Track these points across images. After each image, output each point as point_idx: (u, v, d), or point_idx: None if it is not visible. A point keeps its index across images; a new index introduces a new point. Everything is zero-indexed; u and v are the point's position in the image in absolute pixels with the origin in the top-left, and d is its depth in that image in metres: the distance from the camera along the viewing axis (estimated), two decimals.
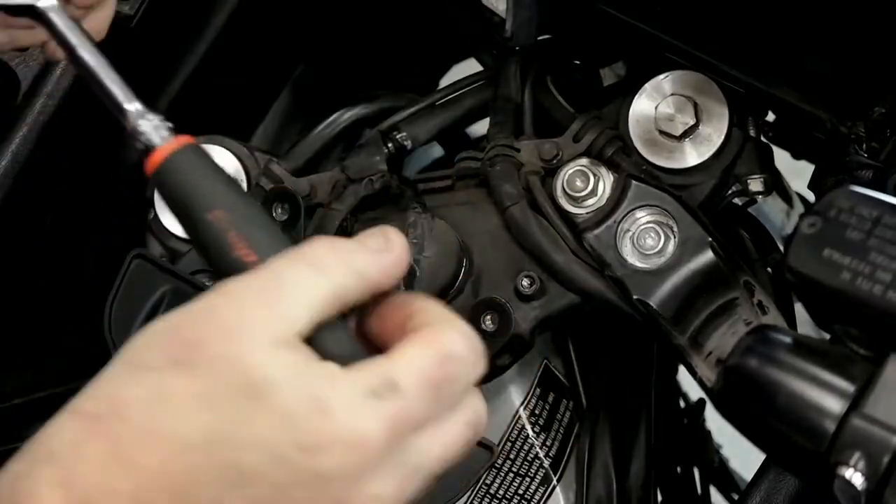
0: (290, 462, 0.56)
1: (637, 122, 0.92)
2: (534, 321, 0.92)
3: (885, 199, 0.64)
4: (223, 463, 0.56)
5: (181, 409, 0.56)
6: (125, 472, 0.55)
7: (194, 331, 0.58)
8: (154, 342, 0.58)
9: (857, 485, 0.59)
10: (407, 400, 0.58)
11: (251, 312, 0.57)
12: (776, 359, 0.64)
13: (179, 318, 0.58)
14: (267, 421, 0.56)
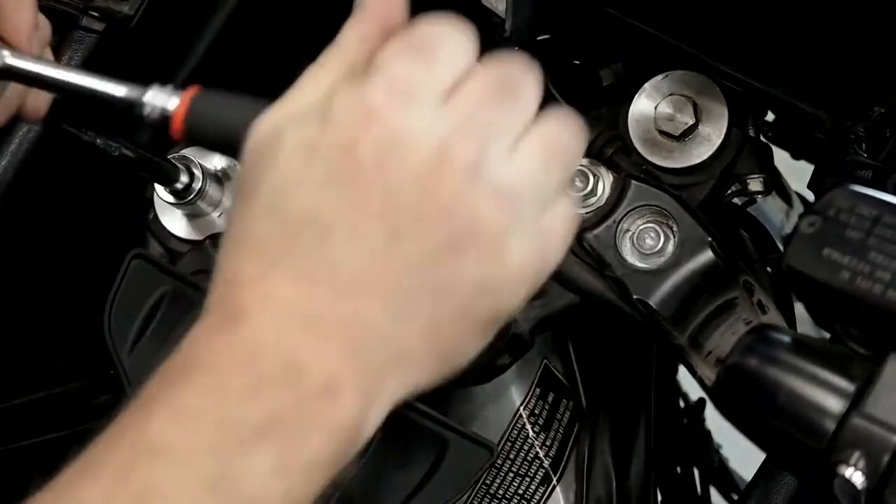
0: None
1: (637, 122, 0.92)
2: (533, 321, 0.92)
3: (885, 198, 0.64)
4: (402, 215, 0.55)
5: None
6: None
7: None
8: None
9: (858, 484, 0.59)
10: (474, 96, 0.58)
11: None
12: (776, 358, 0.64)
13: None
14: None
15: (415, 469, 0.86)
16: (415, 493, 0.86)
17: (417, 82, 0.57)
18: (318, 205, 0.56)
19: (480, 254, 0.57)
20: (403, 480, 0.86)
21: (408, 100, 0.57)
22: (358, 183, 0.56)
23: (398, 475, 0.86)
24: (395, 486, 0.86)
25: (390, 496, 0.86)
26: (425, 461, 0.86)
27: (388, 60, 0.57)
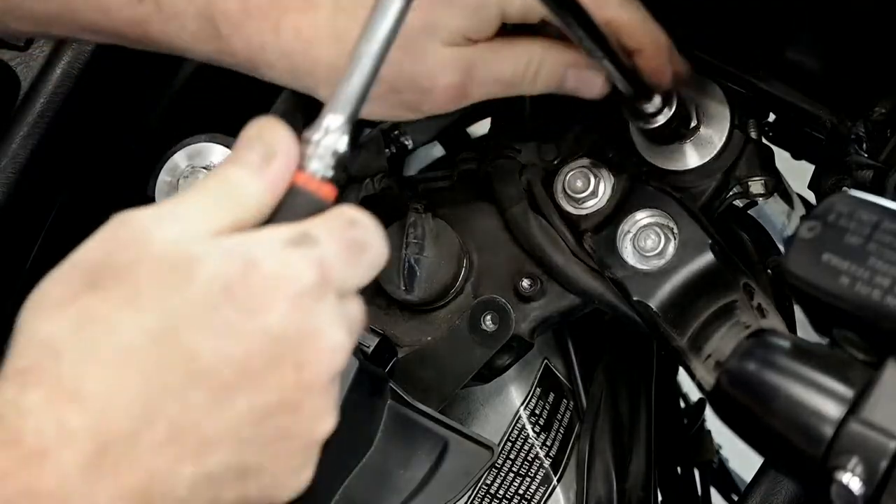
0: (239, 332, 0.55)
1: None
2: (534, 321, 0.92)
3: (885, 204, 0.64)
4: (175, 358, 0.54)
5: (113, 323, 0.54)
6: (75, 407, 0.53)
7: (95, 254, 0.56)
8: (56, 282, 0.56)
9: (855, 490, 0.59)
10: (324, 249, 0.58)
11: (149, 225, 0.56)
12: (774, 363, 0.64)
13: (74, 255, 0.56)
14: (203, 296, 0.55)
15: (415, 469, 0.86)
16: (415, 492, 0.86)
17: (343, 279, 0.59)
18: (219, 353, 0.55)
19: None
20: (404, 480, 0.86)
21: (326, 291, 0.58)
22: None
23: (399, 475, 0.86)
24: (395, 486, 0.86)
25: (391, 496, 0.86)
26: (426, 461, 0.86)
27: (325, 242, 0.58)
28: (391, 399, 0.87)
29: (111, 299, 0.55)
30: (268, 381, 0.57)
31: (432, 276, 0.92)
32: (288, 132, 0.61)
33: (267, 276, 0.56)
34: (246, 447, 0.57)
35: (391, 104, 0.84)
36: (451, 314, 0.94)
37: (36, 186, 0.98)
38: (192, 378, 0.55)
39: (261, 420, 0.57)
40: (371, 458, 0.86)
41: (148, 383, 0.54)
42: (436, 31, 0.81)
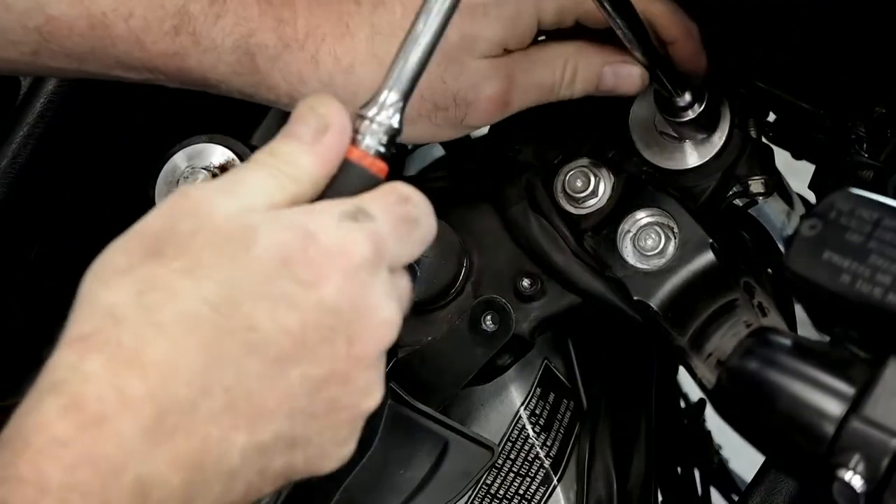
0: (296, 303, 0.56)
1: (638, 123, 0.92)
2: (534, 321, 0.92)
3: (886, 201, 0.64)
4: (234, 328, 0.56)
5: (174, 291, 0.55)
6: (135, 373, 0.54)
7: (156, 224, 0.57)
8: (119, 250, 0.57)
9: (857, 487, 0.59)
10: (378, 224, 0.59)
11: (210, 197, 0.58)
12: (776, 361, 0.64)
13: (137, 225, 0.58)
14: (261, 267, 0.56)
15: (416, 469, 0.86)
16: (416, 492, 0.86)
17: (395, 255, 0.60)
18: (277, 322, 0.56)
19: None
20: (404, 480, 0.86)
21: (379, 266, 0.59)
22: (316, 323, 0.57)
23: (399, 475, 0.86)
24: (396, 486, 0.86)
25: (391, 496, 0.86)
26: (426, 461, 0.86)
27: (380, 217, 0.60)
28: (391, 399, 0.87)
29: (172, 268, 0.56)
30: (321, 352, 0.58)
31: (432, 276, 0.92)
32: (340, 107, 0.62)
33: (324, 248, 0.57)
34: (297, 418, 0.58)
35: (436, 123, 0.84)
36: (451, 314, 0.94)
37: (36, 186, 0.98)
38: (249, 348, 0.56)
39: (312, 391, 0.58)
40: (371, 458, 0.86)
41: (207, 352, 0.55)
42: (475, 44, 0.82)
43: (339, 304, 0.58)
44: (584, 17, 0.84)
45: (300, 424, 0.58)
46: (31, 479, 0.52)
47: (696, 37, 0.87)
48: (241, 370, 0.55)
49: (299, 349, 0.57)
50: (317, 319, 0.57)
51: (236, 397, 0.55)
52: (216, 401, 0.55)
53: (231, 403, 0.55)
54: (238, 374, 0.55)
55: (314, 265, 0.57)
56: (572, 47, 0.86)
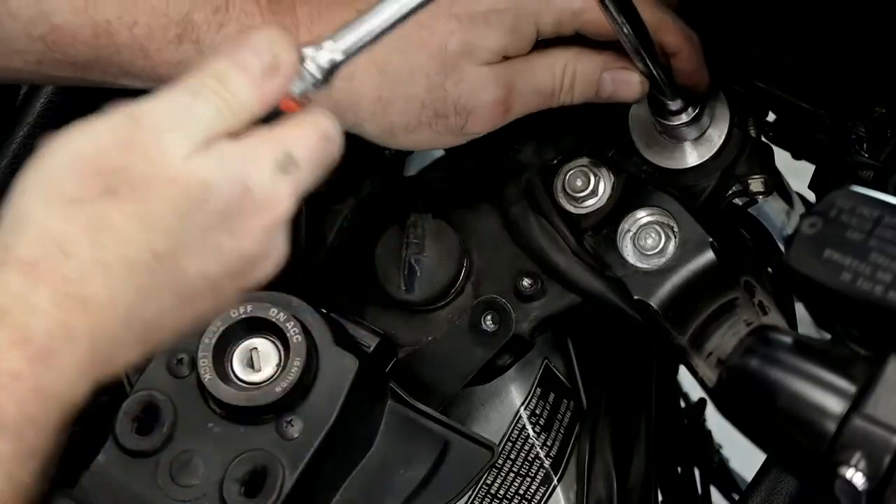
0: (223, 253, 0.61)
1: (638, 123, 0.92)
2: (534, 321, 0.92)
3: (886, 199, 0.64)
4: (168, 275, 0.59)
5: (125, 234, 0.57)
6: (79, 309, 0.56)
7: (115, 158, 0.58)
8: (76, 173, 0.58)
9: (858, 485, 0.59)
10: (303, 173, 0.62)
11: (164, 134, 0.59)
12: (777, 359, 0.64)
13: (93, 147, 0.58)
14: (206, 222, 0.59)
15: (416, 469, 0.86)
16: (416, 492, 0.86)
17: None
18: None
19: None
20: (405, 480, 0.86)
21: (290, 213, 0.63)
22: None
23: (399, 475, 0.86)
24: (396, 486, 0.86)
25: (392, 496, 0.86)
26: (426, 461, 0.86)
27: (303, 164, 0.62)
28: (391, 399, 0.87)
29: (126, 211, 0.58)
30: (227, 291, 0.62)
31: (432, 276, 0.92)
32: (294, 49, 0.63)
33: (257, 203, 0.61)
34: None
35: (436, 131, 0.85)
36: (451, 314, 0.94)
37: None
38: (173, 291, 0.60)
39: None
40: (371, 458, 0.86)
41: (140, 294, 0.58)
42: (474, 52, 0.83)
43: (253, 253, 0.62)
44: (584, 28, 0.85)
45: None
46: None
47: (698, 48, 0.87)
48: (161, 307, 0.60)
49: (212, 291, 0.61)
50: (235, 267, 0.61)
51: (150, 330, 0.60)
52: (134, 333, 0.59)
53: (145, 336, 0.60)
54: (157, 310, 0.60)
55: (246, 218, 0.60)
56: (571, 53, 0.86)
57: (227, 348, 0.82)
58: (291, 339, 0.81)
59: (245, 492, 0.80)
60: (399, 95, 0.84)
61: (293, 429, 0.81)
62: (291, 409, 0.81)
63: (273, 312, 0.81)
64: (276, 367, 0.82)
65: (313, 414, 0.81)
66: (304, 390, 0.81)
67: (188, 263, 0.59)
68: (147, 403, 0.82)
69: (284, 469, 0.80)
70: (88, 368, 0.58)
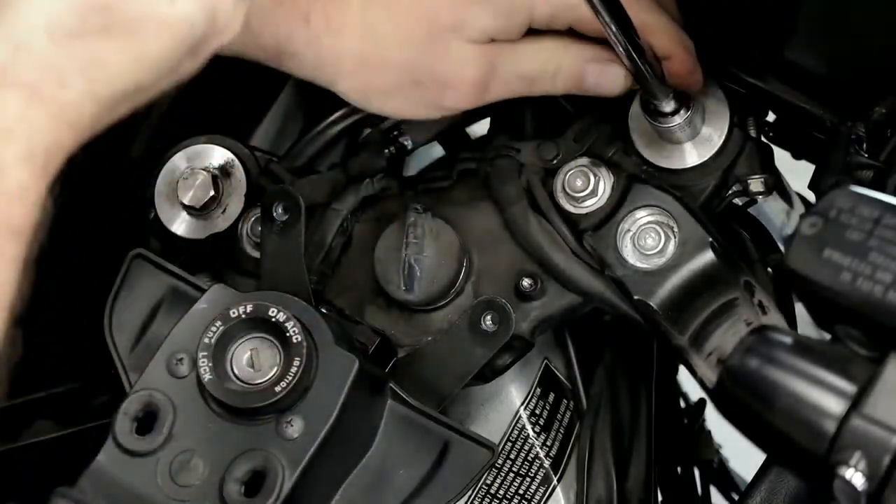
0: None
1: (637, 123, 0.92)
2: (534, 321, 0.92)
3: (886, 199, 0.64)
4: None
5: (117, 71, 0.62)
6: (74, 136, 0.62)
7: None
8: (78, 8, 0.61)
9: (858, 485, 0.59)
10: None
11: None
12: (776, 359, 0.64)
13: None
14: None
15: (416, 469, 0.86)
16: (415, 492, 0.86)
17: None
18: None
19: None
20: (404, 480, 0.86)
21: None
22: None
23: (399, 475, 0.86)
24: (396, 486, 0.86)
25: (391, 496, 0.86)
26: (426, 461, 0.86)
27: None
28: (391, 399, 0.87)
29: (120, 49, 0.62)
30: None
31: (432, 276, 0.92)
32: None
33: None
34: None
35: (413, 100, 0.87)
36: (451, 314, 0.94)
37: None
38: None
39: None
40: (371, 458, 0.86)
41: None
42: (463, 29, 0.84)
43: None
44: (577, 23, 0.85)
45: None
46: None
47: (692, 52, 0.87)
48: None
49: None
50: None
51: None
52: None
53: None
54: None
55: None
56: (560, 43, 0.87)
57: (227, 348, 0.82)
58: (291, 339, 0.81)
59: (245, 492, 0.80)
60: (381, 58, 0.85)
61: (293, 429, 0.81)
62: (291, 409, 0.81)
63: (273, 312, 0.81)
64: (276, 367, 0.81)
65: (313, 414, 0.81)
66: (303, 390, 0.81)
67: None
68: (147, 403, 0.82)
69: (284, 469, 0.80)
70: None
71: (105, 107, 0.62)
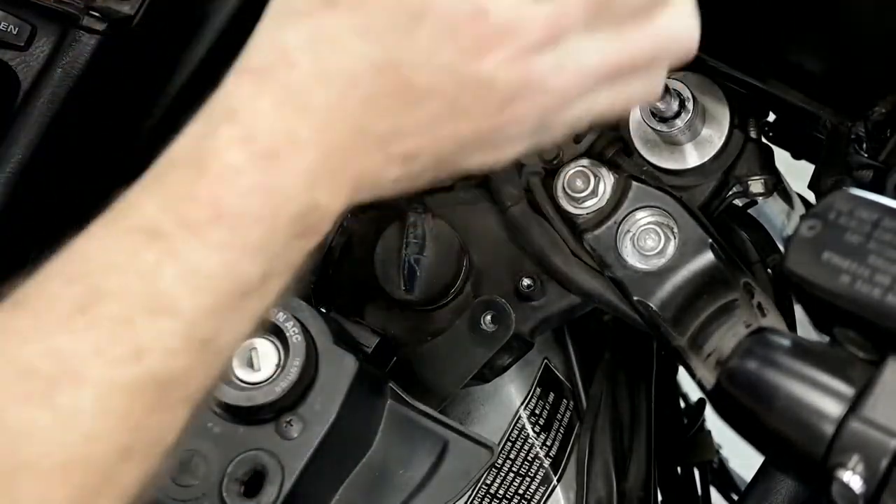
0: (456, 70, 0.59)
1: (638, 123, 0.92)
2: (534, 321, 0.92)
3: (885, 202, 0.64)
4: (394, 87, 0.59)
5: (344, 45, 0.58)
6: (303, 117, 0.58)
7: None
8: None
9: (856, 488, 0.59)
10: (566, 6, 0.60)
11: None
12: (775, 361, 0.64)
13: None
14: (429, 35, 0.59)
15: (416, 469, 0.86)
16: (415, 492, 0.86)
17: (577, 48, 0.61)
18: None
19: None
20: (404, 480, 0.86)
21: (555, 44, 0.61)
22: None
23: (399, 475, 0.86)
24: (396, 486, 0.86)
25: (391, 496, 0.86)
26: (426, 461, 0.86)
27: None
28: (391, 399, 0.87)
29: (345, 23, 0.58)
30: (474, 114, 0.61)
31: (432, 276, 0.92)
32: None
33: (493, 26, 0.59)
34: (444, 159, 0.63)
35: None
36: (451, 314, 0.94)
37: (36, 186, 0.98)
38: (405, 104, 0.60)
39: (462, 146, 0.62)
40: (371, 458, 0.86)
41: (365, 104, 0.59)
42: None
43: (496, 77, 0.60)
44: None
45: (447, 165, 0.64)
46: (207, 201, 0.56)
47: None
48: (396, 121, 0.60)
49: (451, 109, 0.60)
50: (473, 88, 0.60)
51: (390, 142, 0.60)
52: (373, 146, 0.60)
53: (388, 149, 0.60)
54: (393, 123, 0.60)
55: (480, 40, 0.59)
56: None
57: None
58: (291, 339, 0.81)
59: (245, 492, 0.81)
60: None
61: (293, 429, 0.81)
62: (291, 409, 0.81)
63: (272, 312, 0.81)
64: (275, 367, 0.81)
65: (313, 414, 0.81)
66: (303, 390, 0.81)
67: (415, 77, 0.59)
68: None
69: (284, 469, 0.80)
70: (323, 177, 0.58)
71: (335, 85, 0.59)
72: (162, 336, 0.55)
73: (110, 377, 0.53)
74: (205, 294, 0.56)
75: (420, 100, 0.60)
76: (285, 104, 0.58)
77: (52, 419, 0.53)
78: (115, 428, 0.54)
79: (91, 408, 0.53)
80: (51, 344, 0.54)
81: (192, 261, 0.56)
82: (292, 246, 0.58)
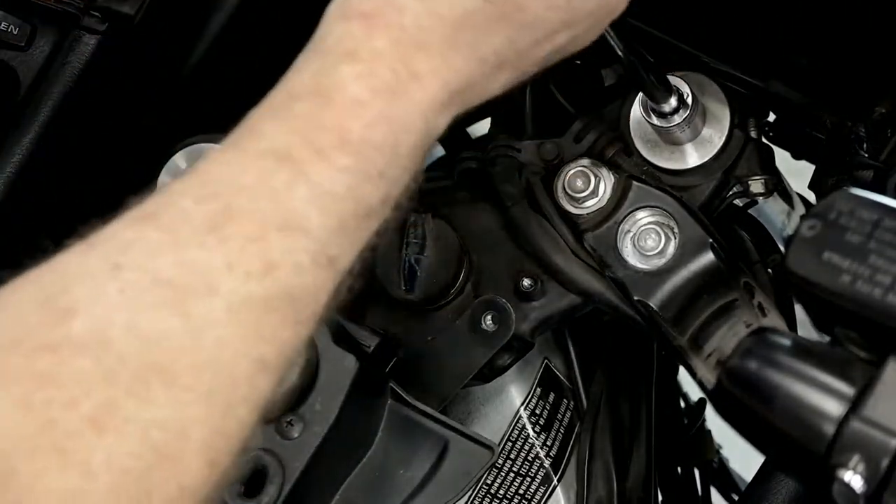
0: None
1: (638, 123, 0.92)
2: (534, 321, 0.92)
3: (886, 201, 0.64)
4: (505, 13, 0.63)
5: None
6: (419, 54, 0.60)
7: None
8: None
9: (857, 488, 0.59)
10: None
11: None
12: (775, 361, 0.64)
13: None
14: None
15: (415, 469, 0.86)
16: (415, 492, 0.86)
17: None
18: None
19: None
20: (404, 480, 0.86)
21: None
22: None
23: (399, 475, 0.86)
24: (396, 486, 0.86)
25: (391, 496, 0.86)
26: (426, 461, 0.86)
27: None
28: (391, 399, 0.87)
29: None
30: (585, 23, 0.67)
31: (432, 276, 0.92)
32: None
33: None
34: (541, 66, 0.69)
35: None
36: (451, 314, 0.94)
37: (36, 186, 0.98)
38: (520, 25, 0.64)
39: (561, 53, 0.69)
40: (371, 458, 0.86)
41: (481, 33, 0.63)
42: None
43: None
44: None
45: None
46: (334, 130, 0.58)
47: None
48: (513, 42, 0.64)
49: (565, 25, 0.66)
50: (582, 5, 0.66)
51: (506, 59, 0.64)
52: (490, 66, 0.64)
53: (501, 64, 0.65)
54: (510, 44, 0.64)
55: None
56: None
57: None
58: None
59: (245, 491, 0.81)
60: None
61: (293, 429, 0.81)
62: (292, 409, 0.81)
63: None
64: None
65: (313, 414, 0.81)
66: (304, 390, 0.81)
67: (525, 1, 0.63)
68: None
69: (285, 469, 0.80)
70: (445, 104, 0.62)
71: (449, 23, 0.62)
72: (293, 253, 0.56)
73: (243, 290, 0.55)
74: (332, 214, 0.58)
75: (534, 19, 0.64)
76: (401, 43, 0.60)
77: (183, 326, 0.53)
78: (247, 337, 0.55)
79: (223, 318, 0.54)
80: (183, 257, 0.55)
81: (321, 183, 0.57)
82: (408, 170, 0.61)
